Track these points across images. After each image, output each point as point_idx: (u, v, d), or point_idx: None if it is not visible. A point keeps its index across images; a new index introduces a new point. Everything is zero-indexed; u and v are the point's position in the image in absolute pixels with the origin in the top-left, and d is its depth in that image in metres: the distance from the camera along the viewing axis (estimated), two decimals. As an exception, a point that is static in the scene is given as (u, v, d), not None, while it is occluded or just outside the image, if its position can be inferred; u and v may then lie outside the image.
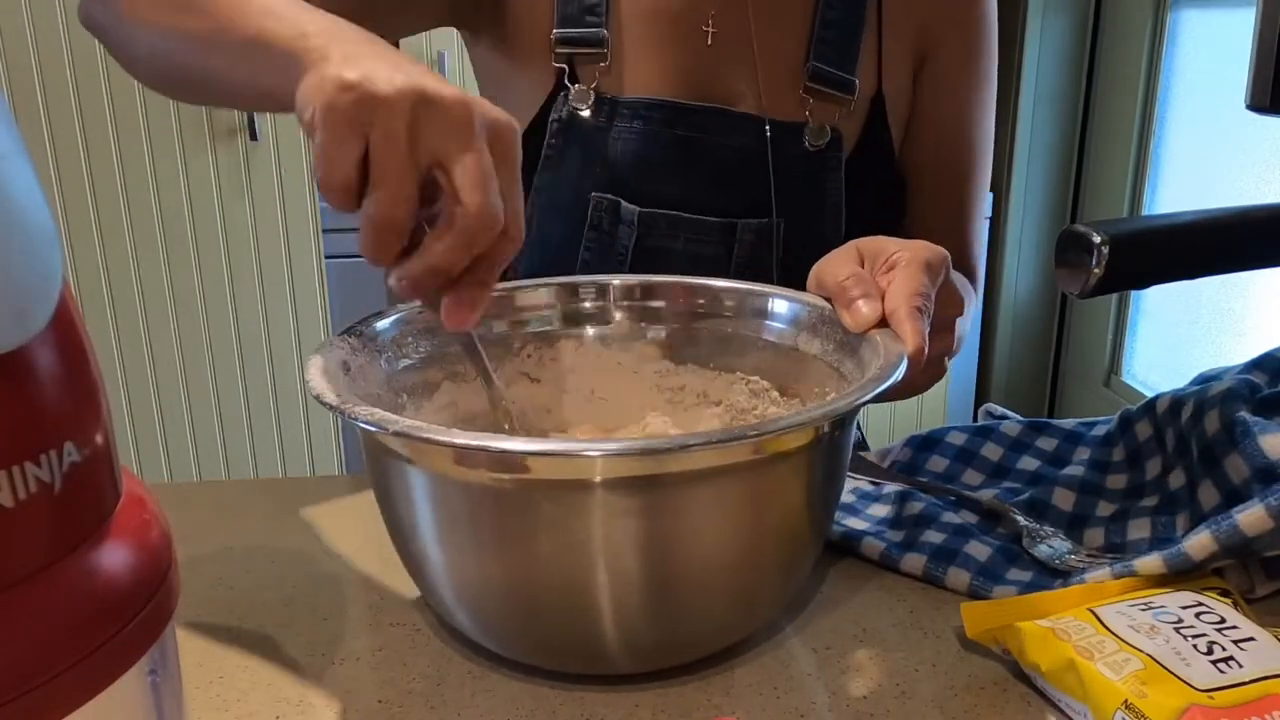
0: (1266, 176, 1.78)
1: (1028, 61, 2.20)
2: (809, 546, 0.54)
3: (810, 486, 0.51)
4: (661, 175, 0.80)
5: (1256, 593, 0.56)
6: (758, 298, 0.65)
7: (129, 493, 0.29)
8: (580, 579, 0.47)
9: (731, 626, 0.53)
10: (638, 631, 0.49)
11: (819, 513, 0.53)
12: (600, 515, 0.46)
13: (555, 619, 0.49)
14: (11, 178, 0.24)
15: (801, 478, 0.50)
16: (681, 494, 0.46)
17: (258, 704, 0.51)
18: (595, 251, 0.81)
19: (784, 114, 0.81)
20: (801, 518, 0.51)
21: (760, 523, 0.49)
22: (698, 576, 0.49)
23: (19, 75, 1.81)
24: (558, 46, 0.80)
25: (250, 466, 2.07)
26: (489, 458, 0.45)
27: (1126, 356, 2.21)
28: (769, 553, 0.51)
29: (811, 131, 0.81)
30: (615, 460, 0.44)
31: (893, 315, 0.56)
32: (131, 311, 1.94)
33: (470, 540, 0.49)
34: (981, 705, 0.50)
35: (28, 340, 0.25)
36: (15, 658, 0.24)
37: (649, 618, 0.49)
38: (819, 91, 0.81)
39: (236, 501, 0.73)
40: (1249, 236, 0.59)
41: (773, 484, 0.49)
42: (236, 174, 1.90)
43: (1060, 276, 0.57)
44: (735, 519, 0.48)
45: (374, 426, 0.46)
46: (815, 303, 0.61)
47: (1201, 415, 0.60)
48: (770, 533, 0.50)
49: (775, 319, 0.64)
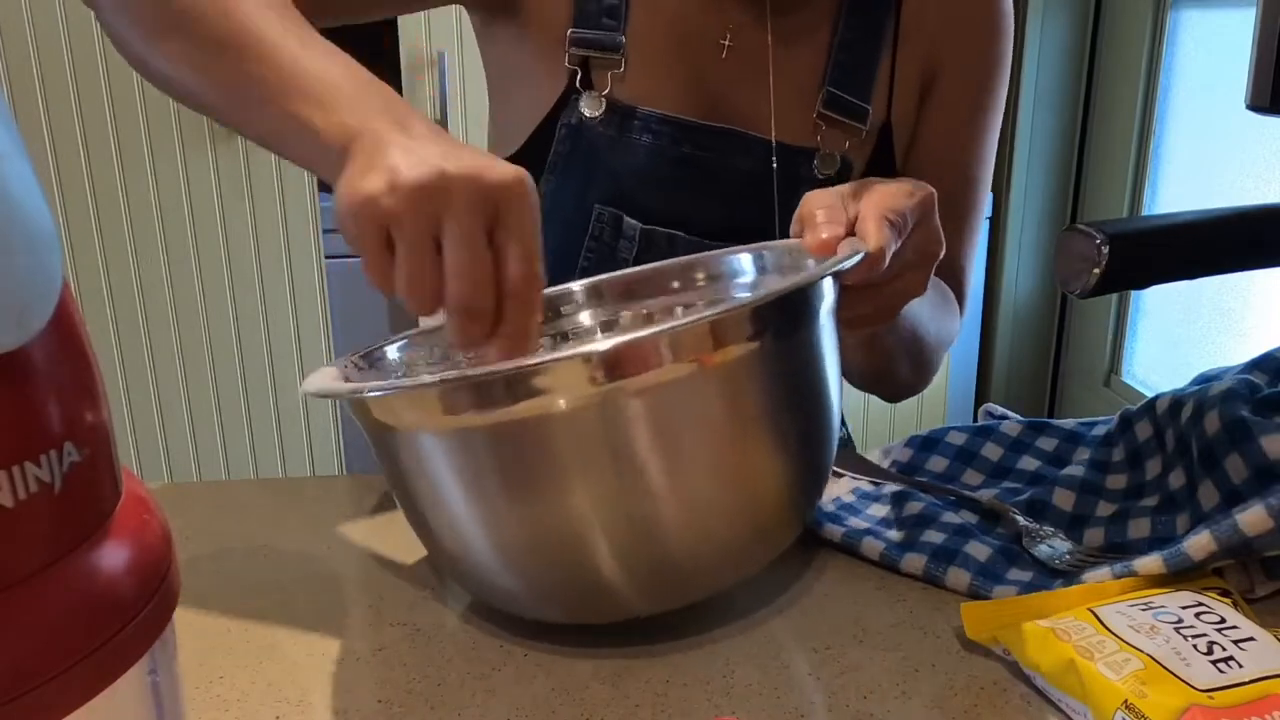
0: (1266, 176, 1.78)
1: (1028, 61, 2.20)
2: (792, 453, 0.53)
3: (777, 384, 0.50)
4: (666, 192, 0.80)
5: (1256, 593, 0.56)
6: (724, 259, 0.67)
7: (129, 493, 0.29)
8: (569, 506, 0.48)
9: (737, 549, 0.53)
10: (638, 558, 0.50)
11: (797, 412, 0.52)
12: (574, 432, 0.47)
13: (557, 560, 0.50)
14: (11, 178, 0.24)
15: (763, 374, 0.50)
16: (647, 400, 0.46)
17: (258, 704, 0.51)
18: (594, 263, 0.81)
19: (795, 138, 0.80)
20: (779, 420, 0.51)
21: (732, 426, 0.49)
22: (683, 486, 0.49)
23: (19, 75, 1.81)
24: (572, 46, 0.78)
25: (250, 466, 2.07)
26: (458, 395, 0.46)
27: (1126, 356, 2.21)
28: (754, 459, 0.51)
29: (822, 159, 0.80)
30: (569, 367, 0.45)
31: (860, 224, 0.56)
32: (131, 311, 1.94)
33: (465, 490, 0.50)
34: (981, 705, 0.50)
35: (28, 340, 0.25)
36: (15, 658, 0.24)
37: (645, 537, 0.49)
38: (832, 119, 0.80)
39: (236, 501, 0.73)
40: (1249, 236, 0.59)
41: (733, 383, 0.49)
42: (236, 174, 1.90)
43: (1060, 276, 0.57)
44: (705, 420, 0.48)
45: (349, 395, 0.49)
46: (781, 245, 0.63)
47: (1201, 415, 0.60)
48: (749, 436, 0.50)
49: (746, 272, 0.66)
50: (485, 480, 0.49)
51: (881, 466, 0.72)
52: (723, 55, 0.79)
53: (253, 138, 0.59)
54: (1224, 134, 1.89)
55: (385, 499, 0.72)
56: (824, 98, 0.79)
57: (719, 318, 0.47)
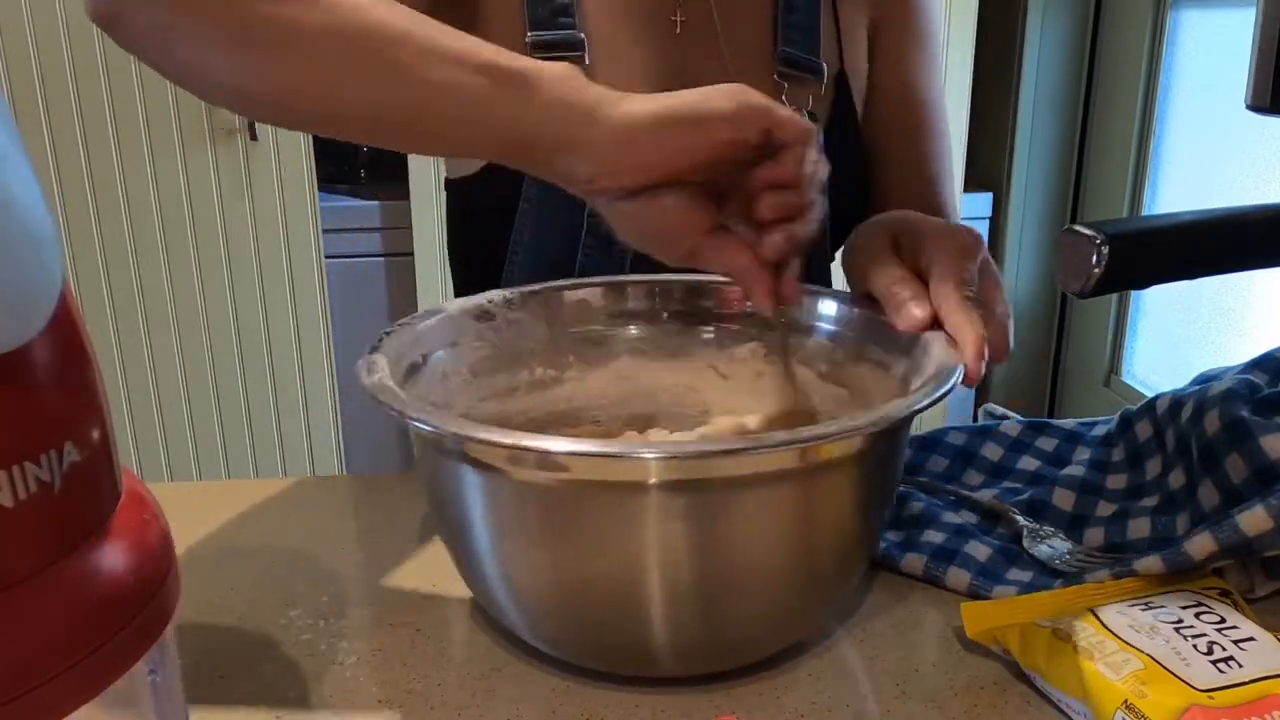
0: (1266, 176, 1.78)
1: (1028, 61, 2.19)
2: (860, 549, 0.53)
3: (861, 489, 0.50)
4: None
5: (1256, 593, 0.56)
6: (815, 297, 0.65)
7: (129, 493, 0.29)
8: (629, 580, 0.48)
9: (781, 632, 0.53)
10: (685, 634, 0.49)
11: (870, 515, 0.52)
12: (649, 516, 0.46)
13: (606, 620, 0.50)
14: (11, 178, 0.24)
15: (852, 482, 0.50)
16: (729, 497, 0.46)
17: (258, 704, 0.51)
18: (594, 257, 0.81)
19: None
20: (852, 519, 0.51)
21: (810, 526, 0.49)
22: (746, 580, 0.49)
23: (19, 75, 1.81)
24: (534, 51, 0.78)
25: (250, 466, 2.07)
26: (537, 458, 0.46)
27: (1126, 356, 2.21)
28: (820, 557, 0.51)
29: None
30: (662, 464, 0.45)
31: (946, 316, 0.56)
32: (131, 311, 1.94)
33: (523, 538, 0.49)
34: (981, 705, 0.50)
35: (28, 340, 0.25)
36: (15, 658, 0.24)
37: (696, 620, 0.49)
38: (792, 76, 0.82)
39: (236, 501, 0.73)
40: (1249, 236, 0.59)
41: (821, 489, 0.49)
42: (236, 174, 1.90)
43: (1060, 276, 0.57)
44: (784, 522, 0.48)
45: (429, 427, 0.46)
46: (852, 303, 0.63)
47: (1201, 415, 0.60)
48: (822, 535, 0.50)
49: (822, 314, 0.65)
50: (527, 531, 0.49)
51: (881, 466, 0.72)
52: (677, 30, 0.80)
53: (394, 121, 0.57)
54: (1224, 134, 1.89)
55: (385, 499, 0.72)
56: (780, 58, 0.81)
57: (829, 437, 0.46)
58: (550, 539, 0.48)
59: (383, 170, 2.13)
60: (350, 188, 2.09)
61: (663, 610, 0.48)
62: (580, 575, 0.49)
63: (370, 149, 2.18)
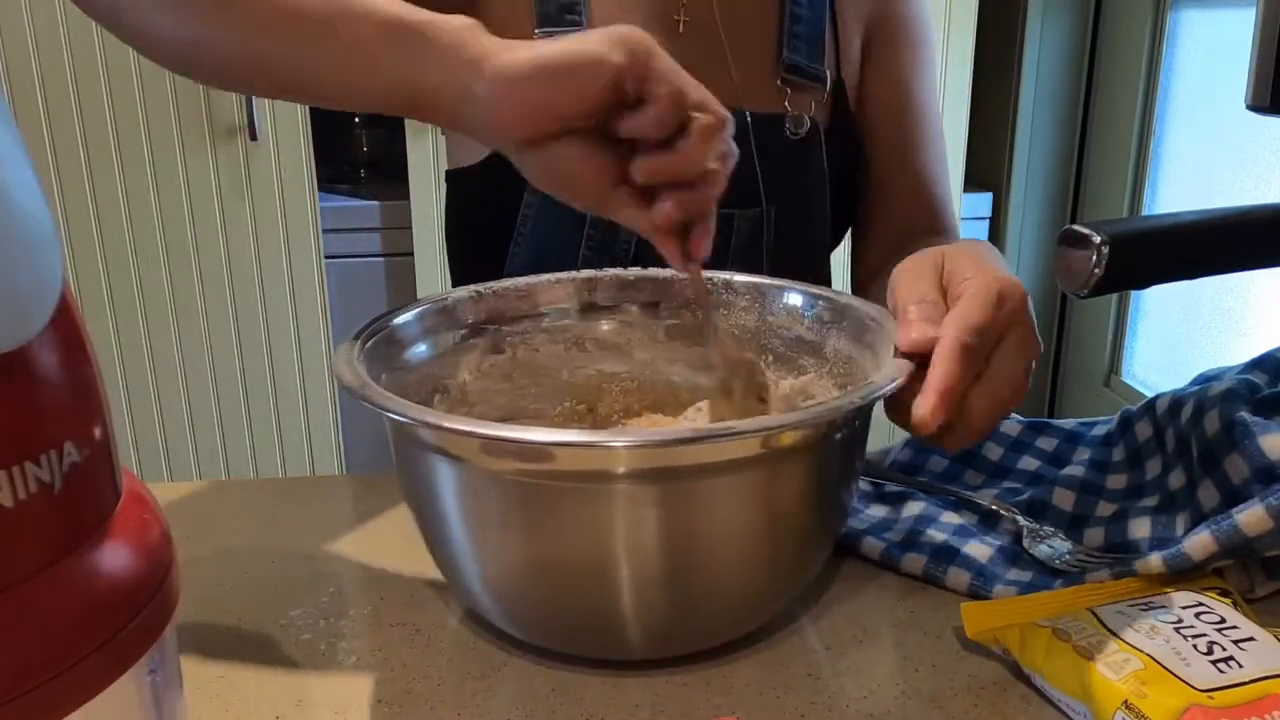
0: (1266, 176, 1.78)
1: (1028, 61, 2.19)
2: (822, 535, 0.55)
3: (822, 476, 0.52)
4: None
5: (1256, 593, 0.56)
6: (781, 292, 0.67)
7: (129, 492, 0.29)
8: (600, 567, 0.49)
9: (747, 615, 0.54)
10: (655, 618, 0.51)
11: (832, 500, 0.54)
12: (619, 504, 0.48)
13: (576, 605, 0.51)
14: (11, 178, 0.24)
15: (811, 469, 0.51)
16: (696, 485, 0.48)
17: (258, 704, 0.51)
18: (596, 249, 0.81)
19: (762, 106, 0.83)
20: (813, 503, 0.53)
21: (773, 510, 0.51)
22: (714, 565, 0.50)
23: (19, 75, 1.80)
24: None
25: (250, 466, 2.07)
26: (516, 448, 0.47)
27: (1126, 356, 2.21)
28: (785, 541, 0.52)
29: (792, 120, 0.83)
30: (631, 453, 0.46)
31: (937, 347, 0.54)
32: (131, 311, 1.94)
33: (496, 528, 0.50)
34: (981, 705, 0.50)
35: (28, 340, 0.25)
36: (15, 657, 0.24)
37: (666, 605, 0.50)
38: (795, 83, 0.83)
39: (236, 501, 0.73)
40: (1249, 236, 0.59)
41: (783, 477, 0.50)
42: (236, 174, 1.90)
43: (1060, 277, 0.57)
44: (749, 508, 0.50)
45: (403, 418, 0.47)
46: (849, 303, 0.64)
47: (1201, 415, 0.60)
48: (785, 519, 0.52)
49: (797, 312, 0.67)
50: (501, 521, 0.50)
51: (881, 466, 0.72)
52: (680, 30, 0.81)
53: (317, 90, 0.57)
54: (1224, 134, 1.89)
55: (385, 499, 0.72)
56: (785, 65, 0.82)
57: (791, 424, 0.48)
58: (519, 527, 0.50)
59: (383, 170, 2.13)
60: (350, 188, 2.09)
61: (632, 595, 0.50)
62: (547, 560, 0.50)
63: (370, 148, 2.18)
